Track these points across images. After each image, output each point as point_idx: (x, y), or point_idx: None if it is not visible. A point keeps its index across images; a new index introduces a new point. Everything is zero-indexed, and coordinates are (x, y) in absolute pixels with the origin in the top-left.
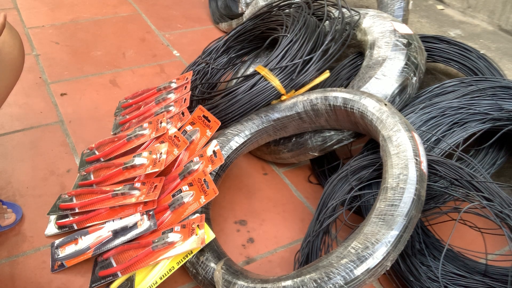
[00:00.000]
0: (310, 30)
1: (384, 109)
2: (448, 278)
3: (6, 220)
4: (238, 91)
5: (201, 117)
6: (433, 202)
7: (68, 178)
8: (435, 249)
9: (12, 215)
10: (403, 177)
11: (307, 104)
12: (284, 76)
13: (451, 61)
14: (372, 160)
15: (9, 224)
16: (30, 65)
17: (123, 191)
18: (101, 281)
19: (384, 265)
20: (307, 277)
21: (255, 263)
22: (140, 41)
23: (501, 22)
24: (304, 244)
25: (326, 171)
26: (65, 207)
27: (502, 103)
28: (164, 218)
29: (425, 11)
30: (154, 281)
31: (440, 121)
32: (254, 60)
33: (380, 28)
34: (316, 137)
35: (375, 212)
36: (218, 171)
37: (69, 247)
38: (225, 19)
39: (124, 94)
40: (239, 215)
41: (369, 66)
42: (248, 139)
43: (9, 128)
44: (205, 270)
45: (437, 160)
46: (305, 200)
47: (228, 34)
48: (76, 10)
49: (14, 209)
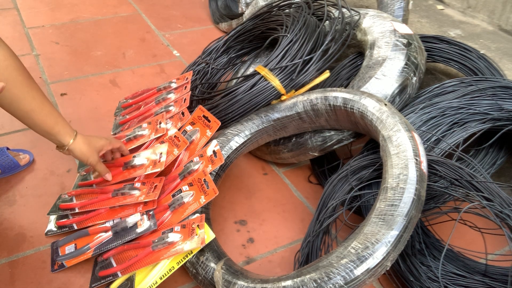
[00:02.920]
0: (310, 30)
1: (384, 109)
2: (448, 278)
3: (22, 160)
4: (238, 91)
5: (201, 117)
6: (433, 202)
7: (68, 178)
8: (435, 249)
9: (26, 155)
10: (403, 177)
11: (307, 104)
12: (284, 76)
13: (451, 61)
14: (372, 160)
15: (26, 163)
16: (30, 65)
17: (123, 191)
18: (101, 281)
19: (384, 265)
20: (307, 277)
21: (255, 263)
22: (140, 41)
23: (501, 22)
24: (304, 244)
25: (326, 171)
26: (65, 207)
27: (502, 103)
28: (164, 218)
29: (425, 11)
30: (154, 281)
31: (440, 121)
32: (254, 60)
33: (380, 28)
34: (316, 137)
35: (375, 212)
36: (218, 171)
37: (69, 247)
38: (225, 19)
39: (124, 94)
40: (239, 215)
41: (369, 66)
42: (248, 139)
43: (9, 128)
44: (205, 270)
45: (437, 160)
46: (305, 200)
47: (228, 34)
48: (76, 10)
49: (24, 153)
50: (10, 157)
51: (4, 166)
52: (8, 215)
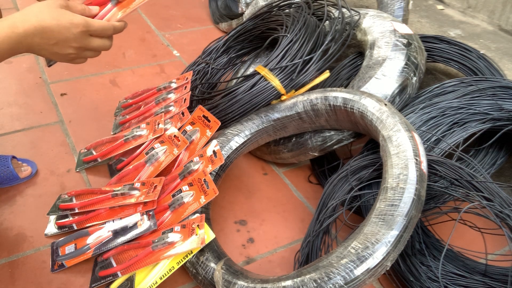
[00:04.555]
0: (310, 30)
1: (384, 109)
2: (448, 278)
3: (23, 172)
4: (238, 91)
5: (201, 117)
6: (433, 202)
7: (68, 178)
8: (435, 249)
9: (28, 168)
10: (403, 177)
11: (307, 104)
12: (284, 76)
13: (451, 61)
14: (372, 160)
15: (26, 176)
16: (30, 65)
17: (123, 191)
18: (101, 281)
19: (384, 265)
20: (307, 277)
21: (255, 263)
22: (140, 41)
23: (501, 22)
24: (304, 244)
25: (326, 171)
26: (65, 207)
27: (502, 103)
28: (164, 218)
29: (425, 11)
30: (154, 281)
31: (440, 121)
32: (254, 60)
33: (380, 28)
34: (316, 137)
35: (375, 212)
36: (218, 171)
37: (69, 247)
38: (225, 19)
39: (124, 94)
40: (239, 215)
41: (369, 66)
42: (248, 139)
43: (9, 128)
44: (205, 270)
45: (437, 160)
46: (305, 200)
47: (228, 34)
48: None
49: (29, 164)
50: (10, 168)
51: (2, 177)
52: (8, 215)
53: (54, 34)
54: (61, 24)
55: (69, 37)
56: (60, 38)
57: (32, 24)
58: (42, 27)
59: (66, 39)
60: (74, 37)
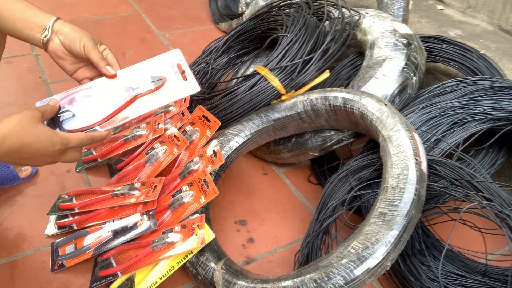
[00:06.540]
0: (310, 30)
1: (384, 109)
2: (448, 278)
3: (23, 172)
4: (238, 91)
5: (201, 117)
6: (433, 202)
7: (68, 178)
8: (435, 249)
9: (28, 168)
10: (403, 177)
11: (307, 104)
12: (284, 76)
13: (451, 61)
14: (372, 160)
15: (26, 176)
16: (30, 65)
17: (123, 191)
18: (101, 281)
19: (384, 265)
20: (307, 277)
21: (255, 263)
22: (140, 41)
23: (501, 22)
24: (304, 244)
25: (326, 171)
26: (64, 207)
27: (502, 103)
28: (164, 218)
29: (425, 11)
30: (154, 281)
31: (440, 121)
32: (254, 60)
33: (380, 28)
34: (316, 137)
35: (375, 212)
36: (218, 171)
37: (69, 247)
38: (225, 19)
39: None
40: (239, 215)
41: (369, 66)
42: (248, 139)
43: None
44: (205, 270)
45: (437, 160)
46: (305, 200)
47: (228, 34)
48: (76, 10)
49: None
50: (10, 168)
51: (2, 177)
52: (8, 215)
53: (31, 151)
54: (41, 142)
55: (46, 153)
56: (36, 154)
57: (14, 143)
58: (22, 144)
59: (42, 155)
60: (51, 154)
